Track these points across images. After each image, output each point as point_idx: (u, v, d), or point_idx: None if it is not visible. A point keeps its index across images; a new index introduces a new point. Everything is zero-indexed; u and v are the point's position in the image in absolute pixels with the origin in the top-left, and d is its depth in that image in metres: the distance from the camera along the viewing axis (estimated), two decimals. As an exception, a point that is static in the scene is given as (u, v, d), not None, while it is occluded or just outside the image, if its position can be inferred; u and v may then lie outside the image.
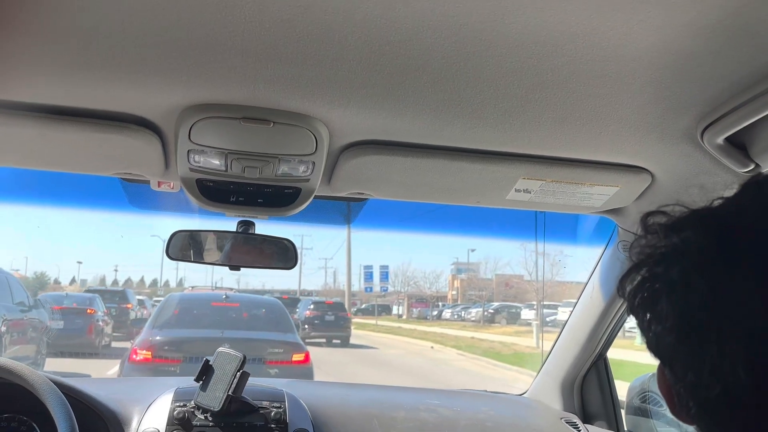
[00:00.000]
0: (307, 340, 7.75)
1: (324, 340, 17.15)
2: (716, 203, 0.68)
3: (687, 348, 0.64)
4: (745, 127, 1.11)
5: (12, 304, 9.89)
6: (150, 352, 6.75)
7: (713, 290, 0.62)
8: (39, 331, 10.66)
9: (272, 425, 1.75)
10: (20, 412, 1.71)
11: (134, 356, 6.78)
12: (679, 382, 0.66)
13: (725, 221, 0.65)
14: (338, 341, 17.61)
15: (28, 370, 1.56)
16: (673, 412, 0.70)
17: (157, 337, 7.04)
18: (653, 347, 0.70)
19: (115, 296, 17.38)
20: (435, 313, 33.52)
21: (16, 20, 0.92)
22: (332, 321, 17.84)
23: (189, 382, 1.83)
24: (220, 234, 1.71)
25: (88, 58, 1.03)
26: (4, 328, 9.25)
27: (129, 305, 17.31)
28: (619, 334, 2.16)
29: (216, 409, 1.70)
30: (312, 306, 18.54)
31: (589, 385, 2.24)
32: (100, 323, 13.36)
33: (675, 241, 0.67)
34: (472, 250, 36.37)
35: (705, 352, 0.61)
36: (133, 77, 1.09)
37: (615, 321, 2.06)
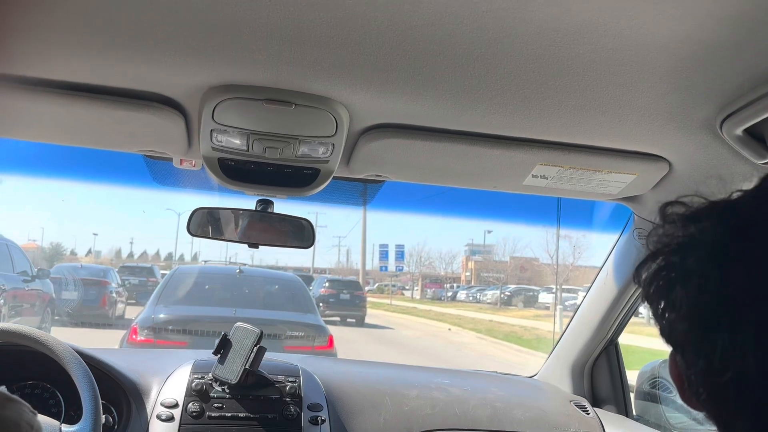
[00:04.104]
0: (321, 319, 7.31)
1: (338, 319, 17.08)
2: (735, 195, 0.69)
3: (699, 335, 0.65)
4: (764, 119, 1.11)
5: (13, 274, 9.48)
6: (152, 332, 5.91)
7: (727, 280, 0.63)
8: (43, 301, 10.39)
9: (287, 399, 1.80)
10: (44, 379, 1.77)
11: (134, 336, 5.90)
12: (690, 368, 0.68)
13: (742, 214, 0.66)
14: (353, 320, 17.54)
15: (52, 339, 1.60)
16: (683, 398, 0.72)
17: (161, 315, 6.13)
18: (666, 334, 0.71)
19: (143, 271, 20.11)
20: (449, 294, 33.54)
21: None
22: (348, 300, 17.75)
23: (207, 354, 1.88)
24: (239, 212, 1.74)
25: (115, 38, 1.05)
26: (1, 301, 8.86)
27: (154, 279, 18.57)
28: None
29: (233, 382, 1.75)
30: (327, 284, 18.45)
31: (600, 369, 2.27)
32: (114, 294, 13.81)
33: (692, 231, 0.68)
34: (489, 232, 36.37)
35: (716, 339, 0.63)
36: (160, 57, 1.10)
37: (628, 307, 2.08)
